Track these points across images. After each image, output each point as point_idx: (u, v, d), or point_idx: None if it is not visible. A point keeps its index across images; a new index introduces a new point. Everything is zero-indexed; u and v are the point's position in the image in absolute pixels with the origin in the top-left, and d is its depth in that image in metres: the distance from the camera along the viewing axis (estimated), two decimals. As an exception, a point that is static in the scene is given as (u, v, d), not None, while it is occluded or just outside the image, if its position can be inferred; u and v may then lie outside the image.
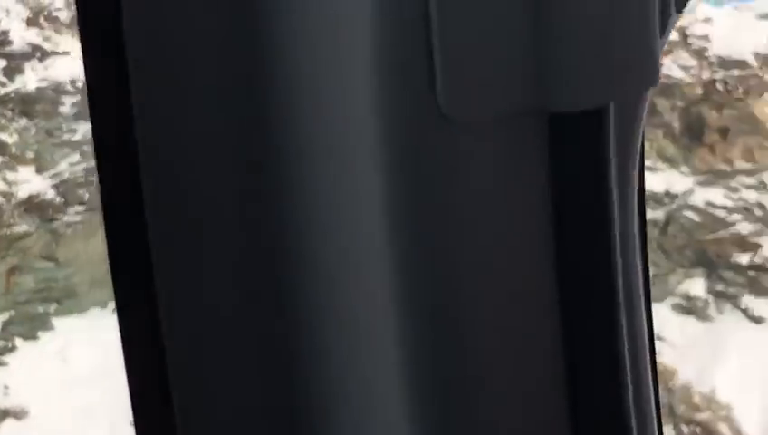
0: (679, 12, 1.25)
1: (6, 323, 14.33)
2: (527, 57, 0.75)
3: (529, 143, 0.82)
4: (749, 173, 42.97)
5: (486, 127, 0.78)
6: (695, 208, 44.42)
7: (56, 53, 16.46)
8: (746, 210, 42.26)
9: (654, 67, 0.96)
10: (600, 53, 0.83)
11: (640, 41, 0.92)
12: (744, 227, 42.62)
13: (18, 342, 14.16)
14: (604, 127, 0.85)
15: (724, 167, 44.74)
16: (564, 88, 0.81)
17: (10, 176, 15.10)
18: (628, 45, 0.89)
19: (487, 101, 0.77)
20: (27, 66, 16.19)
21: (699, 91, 44.97)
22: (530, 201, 0.82)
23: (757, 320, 36.18)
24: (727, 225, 43.78)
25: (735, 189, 43.21)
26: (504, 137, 0.80)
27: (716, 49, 46.07)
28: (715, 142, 42.20)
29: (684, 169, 44.16)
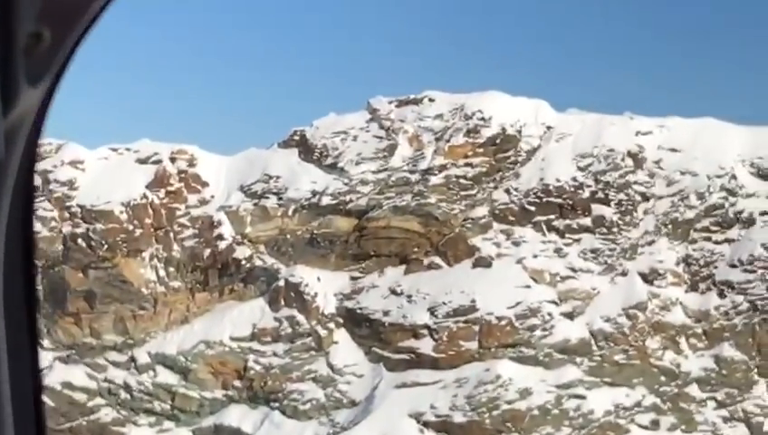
0: (34, 84, 1.46)
1: None
2: None
3: None
4: (119, 348, 43.59)
5: None
6: (50, 391, 44.85)
7: None
8: (111, 394, 45.14)
9: None
10: None
11: None
12: (108, 414, 46.82)
13: None
14: None
15: (90, 340, 45.71)
16: None
17: None
18: None
19: None
20: None
21: (60, 247, 45.76)
22: None
23: None
24: (88, 411, 46.68)
25: (102, 368, 44.54)
26: None
27: (83, 198, 45.56)
28: (82, 310, 42.63)
29: (45, 342, 44.10)
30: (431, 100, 67.47)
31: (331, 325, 64.67)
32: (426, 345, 62.65)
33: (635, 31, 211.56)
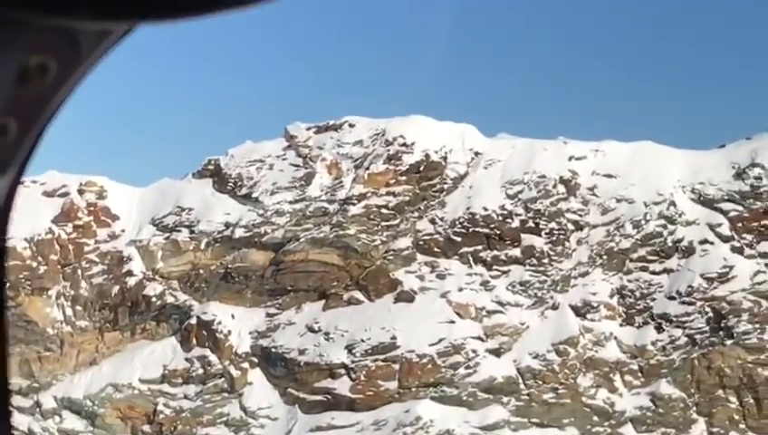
0: (1, 173, 1.71)
1: None
2: None
3: None
4: (24, 392, 33.31)
5: None
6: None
7: None
8: (17, 446, 53.71)
9: None
10: None
11: None
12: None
13: None
14: None
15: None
16: None
17: None
18: None
19: None
20: None
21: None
22: None
23: None
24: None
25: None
26: None
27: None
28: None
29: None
30: (351, 125, 64.13)
31: (245, 365, 61.09)
32: (343, 386, 59.01)
33: (571, 52, 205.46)
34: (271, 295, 62.38)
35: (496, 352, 59.76)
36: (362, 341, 59.39)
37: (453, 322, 60.23)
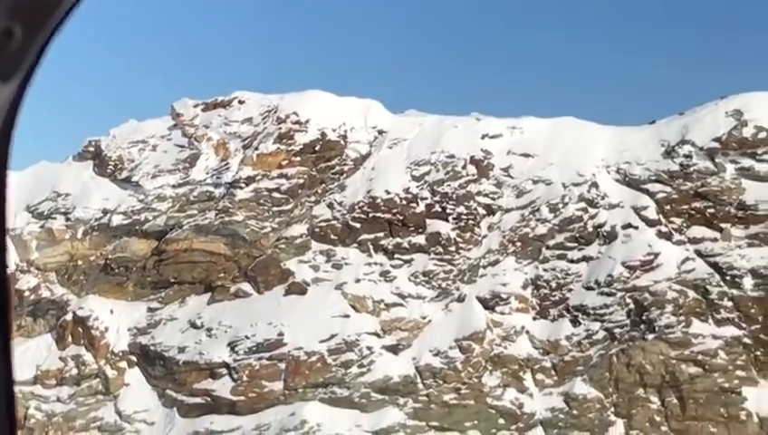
0: (5, 79, 1.65)
1: None
2: None
3: None
4: None
5: None
6: None
7: None
8: None
9: None
10: None
11: None
12: None
13: None
14: None
15: None
16: None
17: None
18: None
19: None
20: None
21: None
22: None
23: None
24: None
25: None
26: None
27: None
28: None
29: None
30: (241, 102, 58.83)
31: (123, 365, 56.03)
32: (224, 387, 53.85)
33: (488, 21, 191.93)
34: (153, 288, 57.32)
35: (394, 349, 54.45)
36: (246, 337, 54.22)
37: (347, 316, 54.96)
